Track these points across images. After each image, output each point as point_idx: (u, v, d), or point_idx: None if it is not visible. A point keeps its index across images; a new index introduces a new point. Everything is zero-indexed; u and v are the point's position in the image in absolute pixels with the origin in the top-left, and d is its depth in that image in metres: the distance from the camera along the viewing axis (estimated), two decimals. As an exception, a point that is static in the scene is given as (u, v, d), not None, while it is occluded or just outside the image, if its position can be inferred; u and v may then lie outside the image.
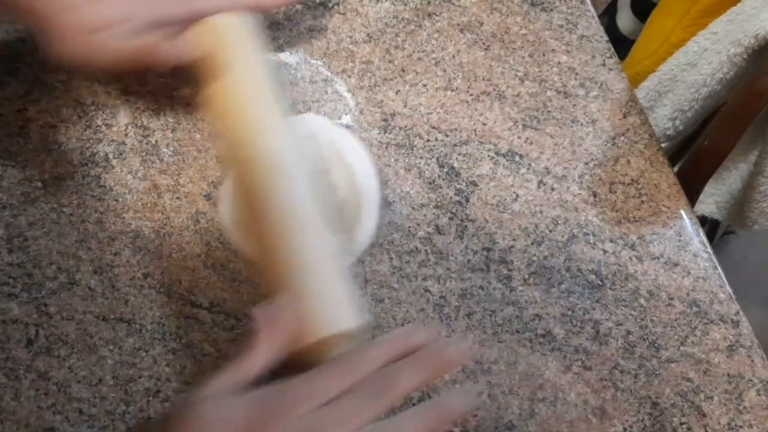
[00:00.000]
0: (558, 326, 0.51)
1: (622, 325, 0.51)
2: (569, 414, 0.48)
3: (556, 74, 0.59)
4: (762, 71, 0.63)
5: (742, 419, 0.49)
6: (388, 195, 0.53)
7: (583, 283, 0.52)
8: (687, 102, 0.72)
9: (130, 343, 0.48)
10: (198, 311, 0.49)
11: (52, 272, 0.49)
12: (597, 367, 0.50)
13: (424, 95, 0.57)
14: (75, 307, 0.49)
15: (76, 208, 0.51)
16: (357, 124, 0.56)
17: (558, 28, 0.61)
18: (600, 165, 0.56)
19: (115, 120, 0.54)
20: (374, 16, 0.60)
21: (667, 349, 0.51)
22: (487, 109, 0.57)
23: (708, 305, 0.52)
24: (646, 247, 0.54)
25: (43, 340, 0.48)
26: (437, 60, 0.59)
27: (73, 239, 0.50)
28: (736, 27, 0.67)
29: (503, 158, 0.56)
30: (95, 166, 0.53)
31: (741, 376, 0.50)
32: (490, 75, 0.58)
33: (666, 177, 0.56)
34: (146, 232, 0.51)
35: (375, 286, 0.51)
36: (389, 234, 0.52)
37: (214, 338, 0.48)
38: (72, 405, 0.46)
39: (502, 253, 0.52)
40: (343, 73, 0.57)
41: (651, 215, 0.55)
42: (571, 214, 0.54)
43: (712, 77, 0.68)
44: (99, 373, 0.47)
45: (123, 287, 0.49)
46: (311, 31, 0.58)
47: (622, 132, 0.57)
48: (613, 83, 0.59)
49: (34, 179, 0.52)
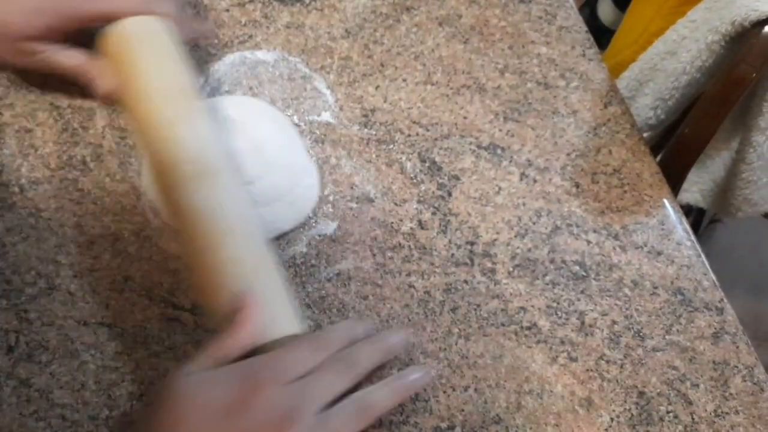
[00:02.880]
0: (543, 318, 0.51)
1: (607, 316, 0.51)
2: (556, 406, 0.48)
3: (536, 66, 0.59)
4: (740, 58, 0.63)
5: (728, 406, 0.49)
6: (370, 191, 0.53)
7: (567, 275, 0.52)
8: (668, 91, 0.72)
9: (112, 347, 0.47)
10: (180, 313, 0.48)
11: (31, 278, 0.49)
12: (583, 358, 0.50)
13: (404, 90, 0.57)
14: (55, 312, 0.48)
15: (54, 212, 0.51)
16: (337, 121, 0.55)
17: (537, 19, 0.61)
18: (582, 156, 0.56)
19: (91, 122, 0.54)
20: (352, 11, 0.59)
21: (652, 338, 0.51)
22: (468, 103, 0.57)
23: (692, 293, 0.52)
24: (630, 236, 0.54)
25: (23, 347, 0.47)
26: (416, 54, 0.58)
27: (51, 244, 0.50)
28: (714, 14, 0.67)
29: (485, 151, 0.55)
30: (72, 170, 0.52)
31: (726, 363, 0.50)
32: (470, 68, 0.58)
33: (648, 166, 0.56)
34: (126, 235, 0.50)
35: (359, 283, 0.50)
36: (372, 230, 0.52)
37: (197, 340, 0.48)
38: (55, 411, 0.46)
39: (486, 247, 0.52)
40: (321, 70, 0.57)
41: (634, 205, 0.55)
42: (554, 206, 0.54)
43: (691, 65, 0.68)
44: (81, 378, 0.47)
45: (104, 291, 0.49)
46: (289, 28, 0.58)
47: (604, 122, 0.57)
48: (594, 73, 0.59)
49: (11, 184, 0.51)
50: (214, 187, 0.44)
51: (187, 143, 0.45)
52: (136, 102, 0.46)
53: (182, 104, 0.46)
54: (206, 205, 0.43)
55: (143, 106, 0.46)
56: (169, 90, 0.47)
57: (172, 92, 0.47)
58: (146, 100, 0.46)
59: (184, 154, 0.44)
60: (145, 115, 0.46)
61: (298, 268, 0.50)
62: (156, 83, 0.46)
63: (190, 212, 0.43)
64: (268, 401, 0.37)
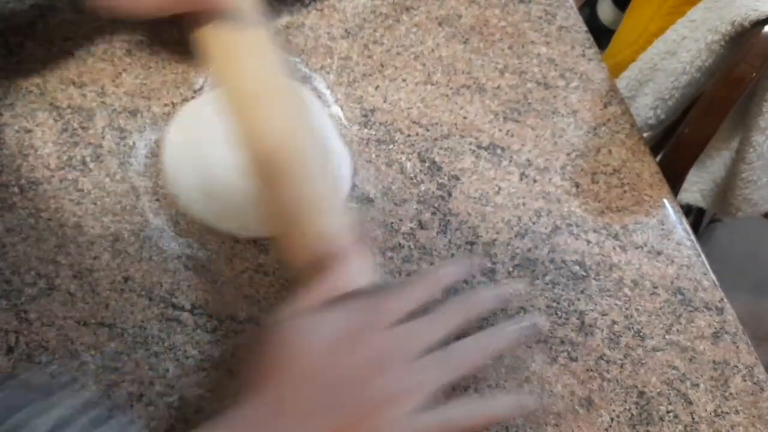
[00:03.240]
0: (543, 318, 0.50)
1: (607, 315, 0.51)
2: (556, 405, 0.48)
3: (536, 66, 0.59)
4: (740, 58, 0.63)
5: (728, 405, 0.49)
6: (370, 191, 0.53)
7: (567, 275, 0.52)
8: (667, 90, 0.72)
9: (111, 347, 0.47)
10: (180, 313, 0.48)
11: (31, 278, 0.49)
12: (583, 357, 0.50)
13: (403, 90, 0.57)
14: (55, 312, 0.48)
15: (54, 212, 0.51)
16: (337, 121, 0.55)
17: (537, 19, 0.61)
18: (582, 156, 0.56)
19: (91, 123, 0.54)
20: (352, 11, 0.59)
21: (652, 338, 0.51)
22: (468, 103, 0.57)
23: (692, 293, 0.52)
24: (630, 236, 0.54)
25: (23, 347, 0.47)
26: (416, 54, 0.58)
27: (51, 244, 0.50)
28: (713, 14, 0.67)
29: (485, 151, 0.55)
30: (72, 170, 0.52)
31: (726, 363, 0.50)
32: (470, 68, 0.58)
33: (648, 166, 0.56)
34: (125, 235, 0.50)
35: (359, 283, 0.50)
36: (372, 230, 0.52)
37: (197, 340, 0.48)
38: (54, 412, 0.46)
39: (486, 247, 0.52)
40: (321, 70, 0.57)
41: (634, 204, 0.55)
42: (554, 206, 0.54)
43: (691, 65, 0.68)
44: (81, 378, 0.47)
45: (103, 291, 0.49)
46: (288, 28, 0.58)
47: (603, 122, 0.57)
48: (593, 73, 0.59)
49: (10, 184, 0.51)
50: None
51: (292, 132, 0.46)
52: (242, 99, 0.47)
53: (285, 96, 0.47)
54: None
55: (250, 103, 0.46)
56: (274, 84, 0.47)
57: (276, 86, 0.47)
58: (254, 98, 0.46)
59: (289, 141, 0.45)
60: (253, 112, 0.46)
61: (297, 268, 0.50)
62: (261, 81, 0.47)
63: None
64: (370, 344, 0.38)
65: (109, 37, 0.57)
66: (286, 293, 0.40)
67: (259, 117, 0.45)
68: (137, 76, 0.55)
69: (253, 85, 0.47)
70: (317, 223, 0.43)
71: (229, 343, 0.48)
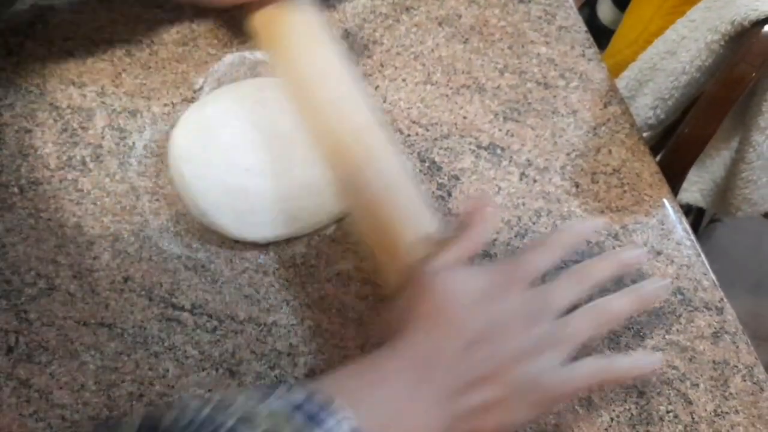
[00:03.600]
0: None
1: (607, 315, 0.51)
2: (556, 405, 0.48)
3: (536, 66, 0.59)
4: (739, 57, 0.63)
5: (728, 405, 0.49)
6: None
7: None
8: (667, 90, 0.72)
9: (111, 347, 0.47)
10: (180, 313, 0.48)
11: (30, 278, 0.49)
12: (582, 357, 0.50)
13: (403, 90, 0.57)
14: (55, 312, 0.48)
15: (53, 212, 0.51)
16: (337, 121, 0.55)
17: (537, 19, 0.61)
18: (581, 155, 0.56)
19: (91, 123, 0.54)
20: (351, 11, 0.59)
21: (652, 338, 0.51)
22: (468, 103, 0.57)
23: (692, 293, 0.52)
24: (630, 236, 0.54)
25: (23, 347, 0.47)
26: (416, 54, 0.58)
27: (51, 244, 0.50)
28: (713, 14, 0.67)
29: (485, 151, 0.55)
30: (72, 170, 0.52)
31: (726, 363, 0.50)
32: (470, 68, 0.58)
33: (648, 166, 0.56)
34: (125, 235, 0.50)
35: (359, 283, 0.50)
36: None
37: (197, 340, 0.48)
38: (54, 412, 0.46)
39: (486, 247, 0.52)
40: (321, 70, 0.57)
41: (633, 204, 0.55)
42: (554, 206, 0.54)
43: (690, 65, 0.68)
44: (81, 378, 0.47)
45: (103, 291, 0.49)
46: (288, 28, 0.58)
47: (603, 122, 0.57)
48: (593, 73, 0.59)
49: (10, 184, 0.51)
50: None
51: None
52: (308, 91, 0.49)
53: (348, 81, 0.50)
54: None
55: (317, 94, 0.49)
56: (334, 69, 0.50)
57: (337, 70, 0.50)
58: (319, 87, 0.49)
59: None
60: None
61: (297, 268, 0.50)
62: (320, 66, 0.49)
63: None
64: (517, 300, 0.41)
65: (109, 37, 0.57)
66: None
67: (327, 107, 0.48)
68: (137, 76, 0.55)
69: (320, 68, 0.49)
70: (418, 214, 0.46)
71: (229, 343, 0.48)
